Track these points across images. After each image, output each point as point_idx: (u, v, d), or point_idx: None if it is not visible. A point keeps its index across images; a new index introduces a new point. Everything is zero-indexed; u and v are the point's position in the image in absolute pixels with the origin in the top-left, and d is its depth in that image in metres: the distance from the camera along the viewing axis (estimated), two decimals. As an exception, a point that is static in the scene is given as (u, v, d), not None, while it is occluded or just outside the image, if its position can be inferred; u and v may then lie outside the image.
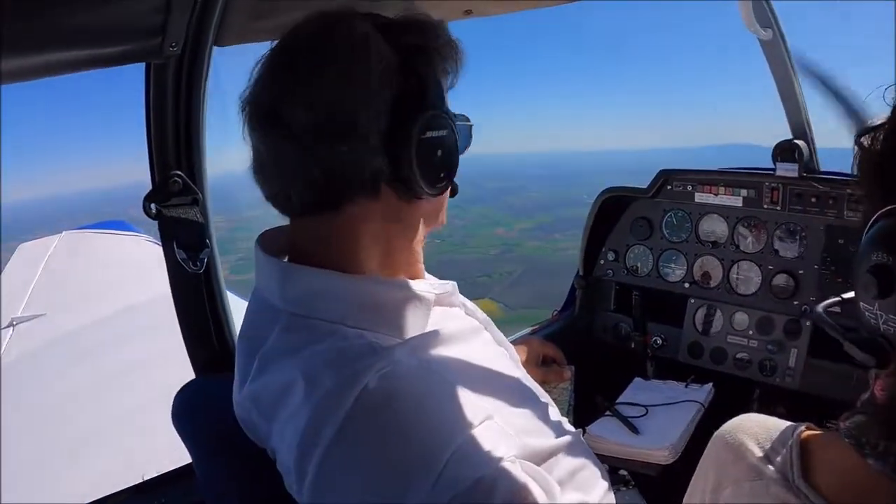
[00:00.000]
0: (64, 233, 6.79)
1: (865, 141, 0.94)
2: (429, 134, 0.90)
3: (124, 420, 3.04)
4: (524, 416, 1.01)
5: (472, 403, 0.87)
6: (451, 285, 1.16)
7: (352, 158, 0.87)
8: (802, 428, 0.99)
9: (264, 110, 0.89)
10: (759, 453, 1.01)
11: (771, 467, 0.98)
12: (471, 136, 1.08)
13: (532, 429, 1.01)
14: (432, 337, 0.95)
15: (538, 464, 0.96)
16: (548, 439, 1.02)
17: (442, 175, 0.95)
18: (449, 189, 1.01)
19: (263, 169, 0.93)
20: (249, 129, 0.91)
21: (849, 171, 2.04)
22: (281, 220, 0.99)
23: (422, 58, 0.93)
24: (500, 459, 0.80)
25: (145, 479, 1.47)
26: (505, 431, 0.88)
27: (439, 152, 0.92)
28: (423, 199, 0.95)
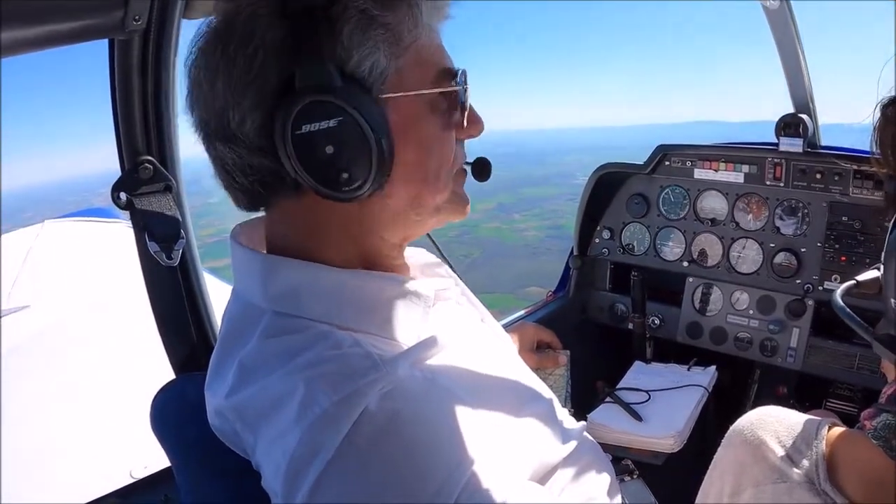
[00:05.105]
0: (45, 222, 6.65)
1: (891, 111, 0.86)
2: (305, 128, 0.74)
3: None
4: (531, 423, 0.94)
5: (481, 420, 0.81)
6: (451, 281, 1.08)
7: (235, 158, 0.80)
8: (827, 426, 0.94)
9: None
10: (780, 452, 0.95)
11: (796, 470, 0.92)
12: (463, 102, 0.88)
13: (539, 436, 0.94)
14: (436, 343, 0.85)
15: (547, 473, 0.91)
16: (555, 446, 0.96)
17: (346, 176, 0.76)
18: (388, 186, 0.81)
19: None
20: None
21: (850, 147, 1.98)
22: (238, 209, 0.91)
23: (312, 27, 0.75)
24: (512, 489, 0.74)
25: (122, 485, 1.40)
26: (514, 448, 0.83)
27: (329, 148, 0.74)
28: (369, 199, 0.80)
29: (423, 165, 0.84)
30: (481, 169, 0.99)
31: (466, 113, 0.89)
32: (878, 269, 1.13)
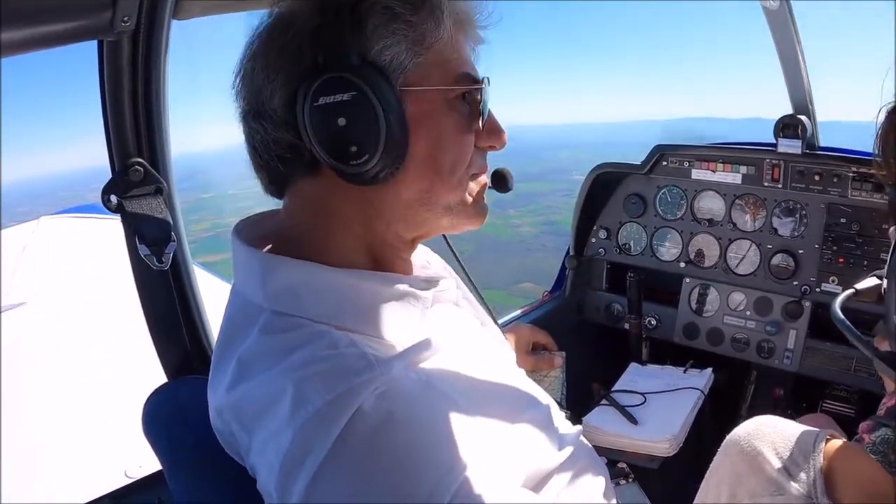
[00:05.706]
0: (41, 218, 6.66)
1: None
2: (322, 100, 0.79)
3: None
4: (526, 429, 0.93)
5: (476, 424, 0.80)
6: (451, 282, 1.07)
7: (263, 134, 0.85)
8: (824, 439, 0.93)
9: None
10: (777, 465, 0.94)
11: (794, 484, 0.91)
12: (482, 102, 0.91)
13: (534, 442, 0.94)
14: (432, 345, 0.85)
15: (542, 478, 0.91)
16: (550, 451, 0.96)
17: (354, 149, 0.80)
18: (408, 170, 0.85)
19: None
20: None
21: (849, 148, 1.97)
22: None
23: (341, 19, 0.81)
24: (504, 494, 0.75)
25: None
26: (508, 452, 0.83)
27: (341, 120, 0.80)
28: (383, 183, 0.84)
29: (437, 160, 0.87)
30: (499, 179, 1.02)
31: (486, 121, 0.91)
32: (878, 277, 1.12)
